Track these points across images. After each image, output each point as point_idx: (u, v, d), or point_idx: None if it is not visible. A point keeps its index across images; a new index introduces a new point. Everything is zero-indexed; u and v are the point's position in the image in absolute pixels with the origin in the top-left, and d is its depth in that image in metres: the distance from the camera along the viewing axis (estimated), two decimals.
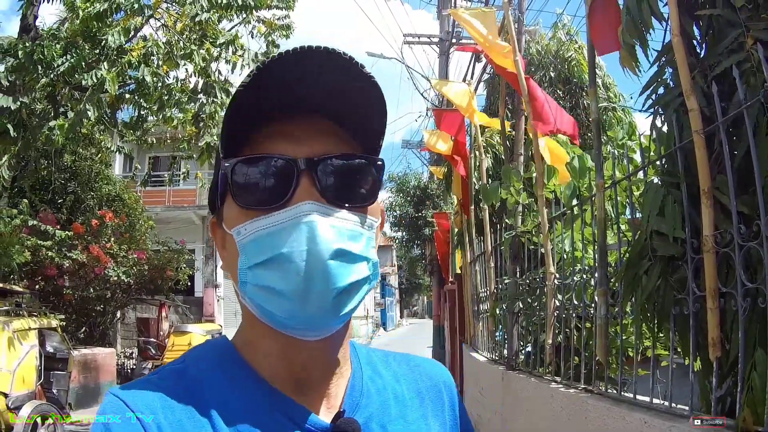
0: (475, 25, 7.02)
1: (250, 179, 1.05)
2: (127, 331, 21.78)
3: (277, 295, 1.01)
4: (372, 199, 1.11)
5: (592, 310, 4.73)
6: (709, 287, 3.05)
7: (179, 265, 19.66)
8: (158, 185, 24.42)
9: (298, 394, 1.09)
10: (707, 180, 3.12)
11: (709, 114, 3.23)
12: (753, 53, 3.02)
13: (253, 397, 1.06)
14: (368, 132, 1.14)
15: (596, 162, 4.60)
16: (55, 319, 11.81)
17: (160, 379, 1.06)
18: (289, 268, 0.99)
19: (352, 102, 1.08)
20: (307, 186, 1.03)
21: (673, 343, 3.53)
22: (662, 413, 3.45)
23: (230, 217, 1.09)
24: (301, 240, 0.99)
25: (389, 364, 1.30)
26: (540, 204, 5.82)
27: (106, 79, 9.40)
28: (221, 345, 1.17)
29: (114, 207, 19.30)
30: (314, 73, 1.03)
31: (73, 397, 13.47)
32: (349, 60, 1.02)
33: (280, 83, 1.04)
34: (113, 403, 1.00)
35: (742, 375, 2.86)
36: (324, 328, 1.06)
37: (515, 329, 6.99)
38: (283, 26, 11.89)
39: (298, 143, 1.06)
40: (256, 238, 1.03)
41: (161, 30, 11.12)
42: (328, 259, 0.99)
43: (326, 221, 1.01)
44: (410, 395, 1.24)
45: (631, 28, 3.76)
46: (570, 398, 4.67)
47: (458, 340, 13.40)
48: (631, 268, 3.72)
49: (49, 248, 15.44)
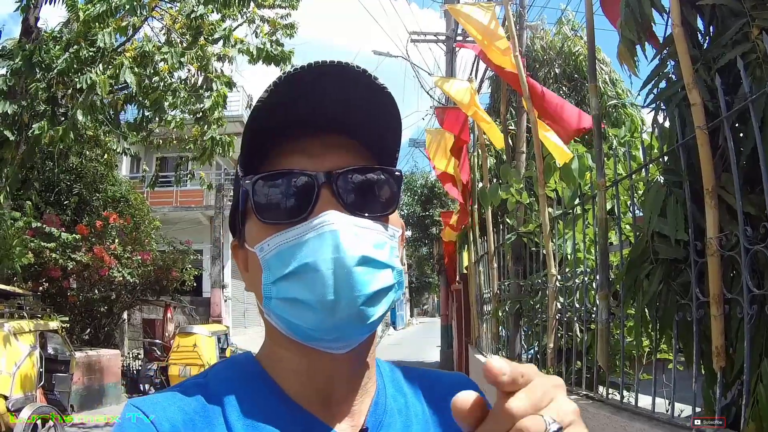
0: (476, 18, 6.88)
1: (271, 194, 1.07)
2: (133, 332, 21.78)
3: (302, 306, 1.01)
4: (392, 208, 1.11)
5: (594, 314, 4.59)
6: (713, 293, 2.90)
7: (185, 266, 19.64)
8: (166, 186, 24.45)
9: (322, 411, 1.08)
10: (711, 178, 2.96)
11: (713, 109, 3.09)
12: (758, 44, 2.88)
13: (276, 415, 1.05)
14: (384, 143, 1.14)
15: (597, 160, 4.45)
16: (57, 320, 11.86)
17: (181, 392, 1.05)
18: (315, 278, 0.99)
19: (366, 115, 1.08)
20: (327, 198, 1.04)
21: (677, 349, 3.38)
22: (664, 423, 3.32)
23: (252, 234, 1.09)
24: (325, 249, 0.99)
25: (412, 382, 1.27)
26: (541, 203, 5.70)
27: (96, 81, 9.36)
28: (245, 360, 1.16)
29: (119, 208, 19.27)
30: (329, 88, 1.04)
31: (78, 399, 13.55)
32: (362, 73, 1.03)
33: (295, 98, 1.05)
34: (132, 414, 0.99)
35: (747, 387, 2.71)
36: (350, 337, 1.06)
37: (517, 331, 6.89)
38: (287, 25, 11.84)
39: (317, 158, 1.07)
40: (279, 252, 1.03)
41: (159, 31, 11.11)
42: (353, 266, 0.99)
43: (349, 230, 1.02)
44: (431, 414, 1.21)
45: (630, 21, 3.61)
46: None
47: (464, 340, 13.33)
48: (631, 271, 3.57)
49: (53, 250, 15.40)
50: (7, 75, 10.13)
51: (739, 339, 2.83)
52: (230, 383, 1.09)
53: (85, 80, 9.29)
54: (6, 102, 9.83)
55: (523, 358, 6.89)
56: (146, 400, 1.02)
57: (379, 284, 1.02)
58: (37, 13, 11.65)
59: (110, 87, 9.82)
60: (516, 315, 6.86)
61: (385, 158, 1.14)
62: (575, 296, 4.98)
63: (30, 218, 14.18)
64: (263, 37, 11.71)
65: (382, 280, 1.03)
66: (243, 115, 28.34)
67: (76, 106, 9.64)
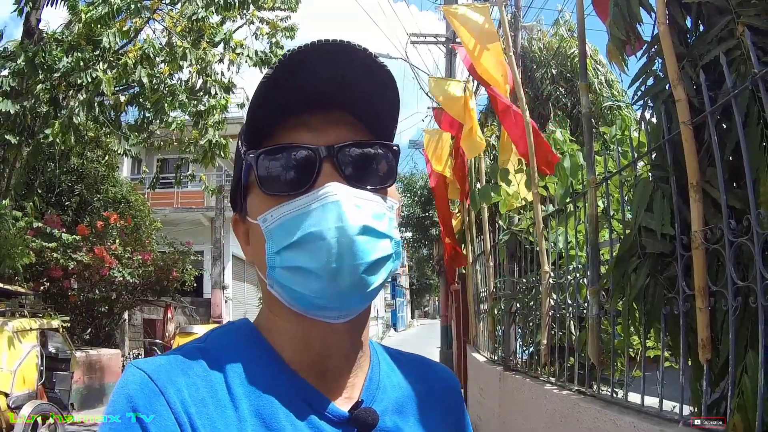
0: (471, 18, 6.89)
1: (275, 168, 1.10)
2: (134, 332, 21.81)
3: (306, 274, 1.04)
4: (390, 181, 1.16)
5: (585, 310, 4.62)
6: (699, 286, 2.93)
7: (185, 267, 19.67)
8: (167, 187, 24.49)
9: (318, 382, 1.12)
10: (696, 173, 2.99)
11: (698, 105, 3.11)
12: (743, 40, 2.90)
13: (274, 380, 1.08)
14: (382, 119, 1.18)
15: (588, 158, 4.48)
16: (58, 319, 11.85)
17: (183, 356, 1.07)
18: (320, 246, 1.02)
19: (366, 92, 1.12)
20: (329, 171, 1.08)
21: (665, 343, 3.41)
22: (652, 417, 3.36)
23: (255, 206, 1.13)
24: (328, 219, 1.03)
25: (402, 363, 1.32)
26: (534, 201, 5.72)
27: (102, 80, 9.39)
28: (244, 326, 1.19)
29: (120, 209, 19.31)
30: (330, 65, 1.08)
31: (78, 398, 13.55)
32: (363, 51, 1.07)
33: (299, 76, 1.08)
34: (136, 375, 1.01)
35: (732, 378, 2.73)
36: (351, 305, 1.10)
37: (512, 329, 6.92)
38: (287, 27, 11.87)
39: (318, 133, 1.11)
40: (283, 223, 1.07)
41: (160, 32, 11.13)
42: (355, 235, 1.03)
43: (351, 201, 1.06)
44: (421, 396, 1.27)
45: (619, 20, 3.64)
46: (563, 400, 4.59)
47: (463, 340, 13.33)
48: (619, 266, 3.60)
49: (54, 250, 15.47)
50: (9, 76, 10.15)
51: (724, 331, 2.85)
52: (230, 349, 1.11)
53: (87, 76, 9.31)
54: (8, 101, 9.85)
55: (518, 357, 6.92)
56: (149, 362, 1.04)
57: (380, 253, 1.07)
58: (38, 15, 11.69)
59: (115, 87, 9.86)
60: (511, 313, 6.89)
61: (383, 134, 1.18)
62: (568, 293, 5.01)
63: (32, 218, 14.21)
64: (263, 37, 11.73)
65: (381, 249, 1.08)
66: (242, 116, 28.35)
67: (76, 103, 9.66)
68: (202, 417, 0.99)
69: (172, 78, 11.19)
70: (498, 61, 6.75)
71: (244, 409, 1.02)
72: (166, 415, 0.96)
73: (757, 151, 2.69)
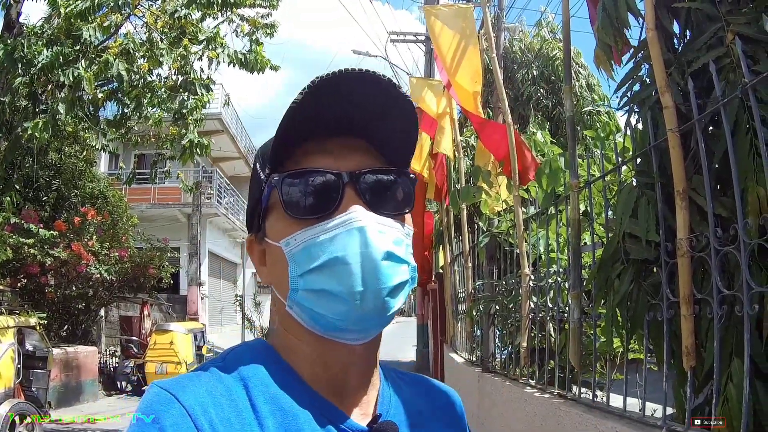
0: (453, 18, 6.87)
1: (299, 191, 1.11)
2: (110, 329, 21.63)
3: (331, 297, 1.05)
4: (408, 207, 1.18)
5: (566, 313, 4.62)
6: (684, 293, 2.93)
7: (162, 263, 19.55)
8: (143, 183, 24.37)
9: (336, 399, 1.13)
10: (682, 180, 2.99)
11: (685, 112, 3.11)
12: (732, 48, 2.89)
13: (296, 398, 1.09)
14: (400, 148, 1.20)
15: (571, 161, 4.47)
16: (35, 317, 11.74)
17: (206, 375, 1.07)
18: (344, 270, 1.04)
19: (387, 121, 1.14)
20: (352, 196, 1.09)
21: (647, 348, 3.41)
22: (635, 422, 3.36)
23: (277, 230, 1.14)
24: (353, 244, 1.05)
25: (404, 381, 1.34)
26: (515, 204, 5.72)
27: (83, 77, 9.31)
28: (260, 346, 1.20)
29: (97, 205, 19.14)
30: (354, 94, 1.09)
31: (55, 396, 13.48)
32: (386, 81, 1.09)
33: (325, 102, 1.09)
34: (161, 396, 1.00)
35: (717, 386, 2.73)
36: (372, 328, 1.12)
37: (491, 331, 6.92)
38: (267, 25, 11.79)
39: (340, 158, 1.13)
40: (307, 246, 1.08)
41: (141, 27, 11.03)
42: (380, 260, 1.05)
43: (374, 227, 1.07)
44: (428, 410, 1.29)
45: (607, 25, 3.63)
46: (543, 403, 4.58)
47: (440, 340, 13.35)
48: (602, 271, 3.59)
49: (31, 246, 15.31)
50: None
51: (709, 339, 2.85)
52: (250, 367, 1.11)
53: (69, 75, 9.23)
54: None
55: (497, 358, 6.92)
56: (173, 383, 1.04)
57: (400, 277, 1.09)
58: (19, 8, 11.57)
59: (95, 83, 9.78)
60: (490, 315, 6.88)
61: (400, 161, 1.20)
62: (548, 296, 5.01)
63: (9, 214, 14.07)
64: (243, 35, 11.66)
65: (402, 273, 1.09)
66: (221, 112, 28.25)
67: (58, 101, 9.56)
68: None
69: (152, 74, 11.09)
70: (475, 70, 6.74)
71: (270, 427, 1.03)
72: None
73: (745, 160, 2.69)
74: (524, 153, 6.20)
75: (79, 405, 15.33)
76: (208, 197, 28.63)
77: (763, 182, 2.61)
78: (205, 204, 27.98)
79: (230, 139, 32.21)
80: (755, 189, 2.62)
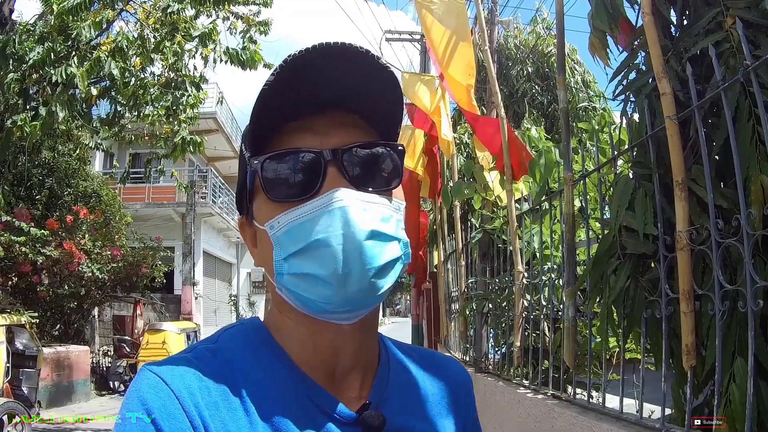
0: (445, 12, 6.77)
1: (280, 173, 1.10)
2: (103, 328, 21.71)
3: (315, 281, 1.04)
4: (396, 181, 1.16)
5: (560, 312, 4.53)
6: (683, 289, 2.81)
7: (155, 263, 19.62)
8: (138, 182, 24.41)
9: (327, 382, 1.13)
10: (681, 170, 2.87)
11: (684, 99, 3.01)
12: (732, 33, 2.79)
13: (283, 382, 1.09)
14: (385, 119, 1.18)
15: (565, 154, 4.37)
16: (26, 316, 11.75)
17: (195, 358, 1.08)
18: (327, 253, 1.02)
19: (368, 93, 1.12)
20: (335, 175, 1.08)
21: (645, 347, 3.29)
22: (632, 424, 3.24)
23: (262, 212, 1.13)
24: (335, 225, 1.03)
25: (414, 360, 1.32)
26: (508, 199, 5.62)
27: (75, 75, 9.25)
28: (254, 326, 1.20)
29: (90, 203, 19.19)
30: (332, 68, 1.07)
31: (46, 395, 13.59)
32: (365, 53, 1.06)
33: (300, 80, 1.07)
34: (150, 379, 1.01)
35: (719, 386, 2.62)
36: (360, 309, 1.10)
37: (484, 330, 6.85)
38: (261, 22, 11.73)
39: (322, 135, 1.11)
40: (290, 229, 1.07)
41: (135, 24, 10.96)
42: (363, 240, 1.02)
43: (358, 205, 1.05)
44: (432, 393, 1.28)
45: (601, 11, 3.53)
46: (537, 404, 4.49)
47: (434, 339, 13.30)
48: (598, 266, 3.48)
49: (23, 244, 15.38)
50: None
51: (710, 337, 2.74)
52: (240, 350, 1.12)
53: (61, 73, 9.17)
54: None
55: (490, 357, 6.85)
56: (163, 365, 1.04)
57: (388, 256, 1.07)
58: (11, 5, 11.51)
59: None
60: (483, 313, 6.81)
61: (386, 134, 1.19)
62: (542, 294, 4.92)
63: (0, 212, 14.05)
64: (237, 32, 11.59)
65: (390, 252, 1.07)
66: (216, 111, 28.27)
67: (54, 100, 9.50)
68: (215, 420, 1.00)
69: (144, 71, 11.04)
70: (467, 62, 6.65)
71: (255, 413, 1.03)
72: (180, 418, 0.97)
73: (747, 148, 2.58)
74: (518, 148, 6.11)
75: (71, 405, 15.38)
76: (202, 196, 28.78)
77: (766, 170, 2.51)
78: (200, 203, 28.16)
79: (225, 138, 32.31)
80: (758, 178, 2.50)
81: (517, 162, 5.97)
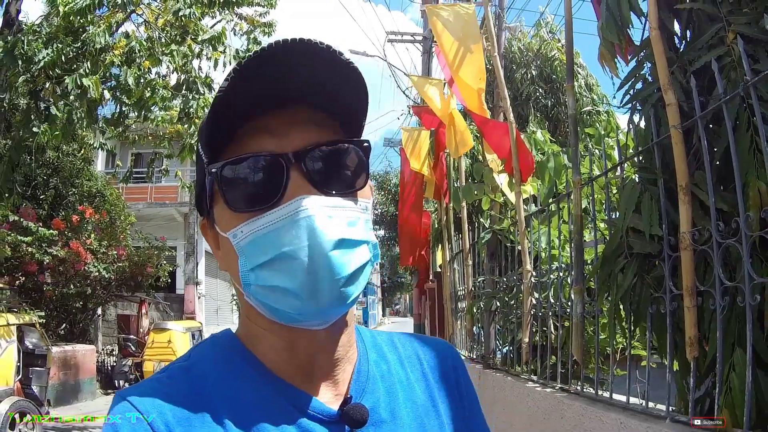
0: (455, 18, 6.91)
1: (240, 181, 1.05)
2: (108, 328, 21.71)
3: (285, 293, 1.02)
4: (362, 180, 1.12)
5: (568, 309, 4.67)
6: (687, 285, 2.99)
7: (159, 262, 19.58)
8: (140, 182, 24.36)
9: (306, 384, 1.11)
10: (685, 176, 3.05)
11: (687, 109, 3.18)
12: (733, 47, 2.96)
13: (258, 389, 1.08)
14: (349, 114, 1.14)
15: (573, 158, 4.54)
16: (35, 315, 11.71)
17: (167, 378, 1.08)
18: (294, 266, 1.00)
19: (331, 88, 1.07)
20: (298, 180, 1.04)
21: (650, 342, 3.47)
22: (638, 414, 3.39)
23: (224, 219, 1.09)
24: (301, 236, 1.00)
25: (394, 347, 1.31)
26: (517, 201, 5.76)
27: (89, 85, 9.29)
28: (226, 338, 1.18)
29: (95, 203, 19.17)
30: (292, 65, 1.03)
31: (53, 394, 13.51)
32: (326, 48, 1.03)
33: (259, 79, 1.03)
34: (121, 406, 1.01)
35: (720, 376, 2.80)
36: (333, 315, 1.09)
37: (492, 328, 6.95)
38: (265, 24, 11.79)
39: (283, 137, 1.06)
40: (254, 239, 1.03)
41: (143, 26, 11.00)
42: (330, 251, 1.00)
43: (323, 213, 1.02)
44: (416, 378, 1.26)
45: (611, 23, 3.70)
46: (546, 397, 4.63)
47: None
48: (606, 265, 3.65)
49: (29, 244, 15.35)
50: None
51: (711, 330, 2.91)
52: (214, 364, 1.11)
53: (74, 82, 9.21)
54: None
55: (498, 355, 6.95)
56: (133, 390, 1.04)
57: (357, 263, 1.04)
58: (18, 5, 11.52)
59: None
60: (491, 311, 6.92)
61: (351, 129, 1.15)
62: (550, 292, 5.06)
63: (7, 212, 14.08)
64: (241, 33, 11.65)
65: (358, 258, 1.05)
66: None
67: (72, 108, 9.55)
68: None
69: (151, 73, 11.06)
70: (478, 67, 6.77)
71: (230, 424, 1.01)
72: None
73: (746, 156, 2.76)
74: (525, 151, 6.25)
75: (77, 403, 15.36)
76: None
77: (763, 177, 2.68)
78: None
79: None
80: (756, 183, 2.68)
81: (524, 165, 6.12)
